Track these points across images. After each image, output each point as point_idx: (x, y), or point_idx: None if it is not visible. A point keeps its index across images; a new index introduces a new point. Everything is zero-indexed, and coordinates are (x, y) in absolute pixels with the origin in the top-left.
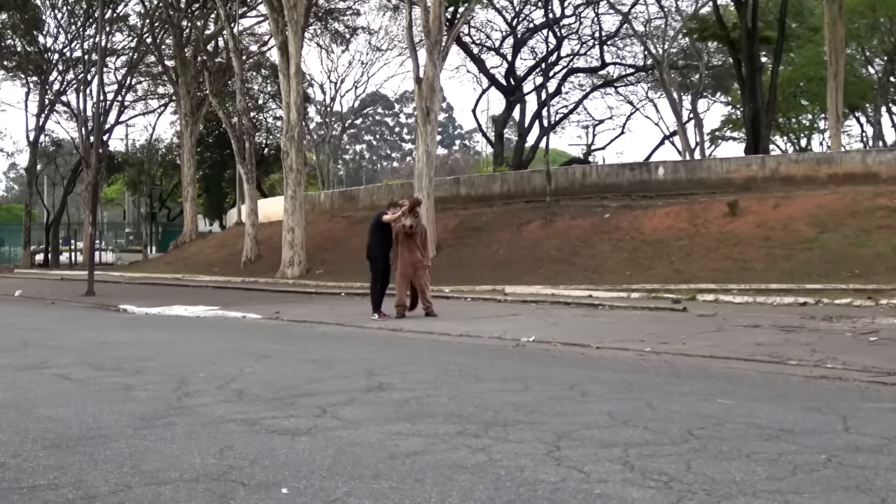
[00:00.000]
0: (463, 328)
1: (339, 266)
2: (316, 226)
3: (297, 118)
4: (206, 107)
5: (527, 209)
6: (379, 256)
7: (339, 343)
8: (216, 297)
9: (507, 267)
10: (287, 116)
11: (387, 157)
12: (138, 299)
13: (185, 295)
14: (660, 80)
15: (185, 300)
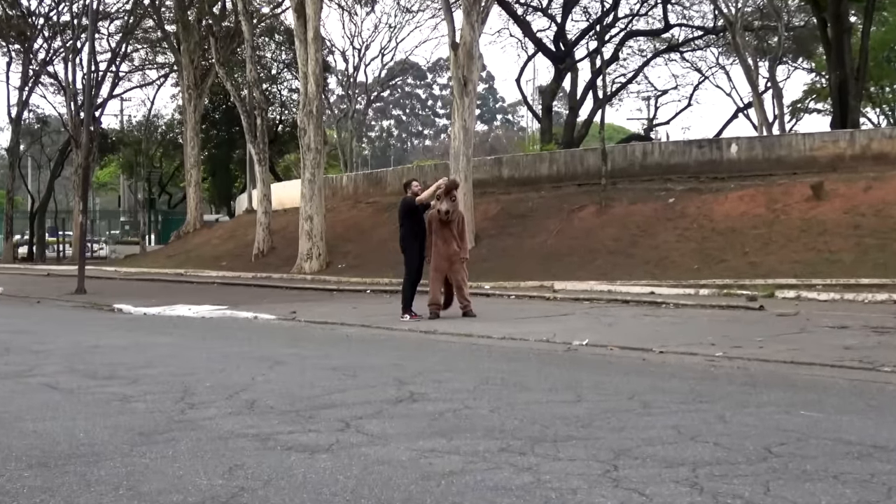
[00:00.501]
0: (505, 330)
1: (364, 259)
2: (337, 213)
3: (316, 90)
4: (211, 78)
5: (579, 193)
6: (414, 247)
7: (364, 347)
8: (224, 296)
9: (556, 260)
10: (304, 88)
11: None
12: (135, 298)
13: (188, 293)
14: (732, 43)
15: (189, 299)
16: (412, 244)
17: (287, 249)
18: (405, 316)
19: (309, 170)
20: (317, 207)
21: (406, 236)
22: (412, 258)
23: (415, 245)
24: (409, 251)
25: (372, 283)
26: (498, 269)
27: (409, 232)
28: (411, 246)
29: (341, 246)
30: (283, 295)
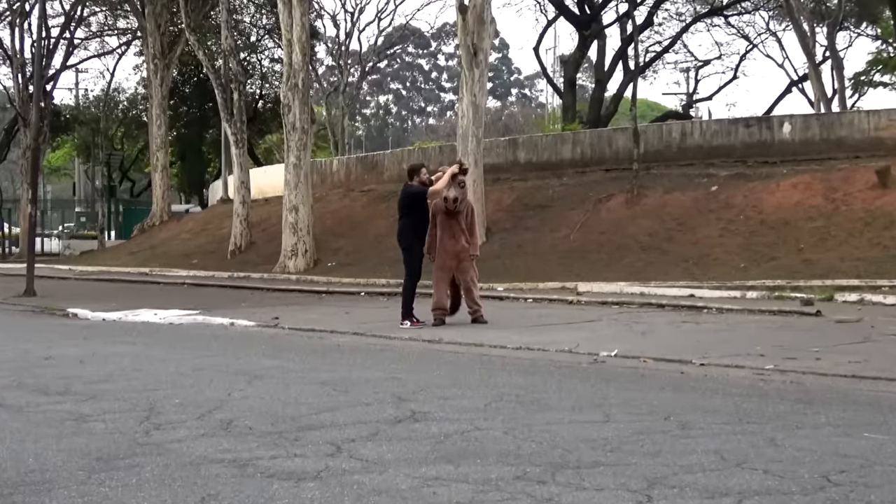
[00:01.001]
0: (522, 339)
1: (358, 257)
2: (327, 203)
3: (302, 60)
4: (181, 46)
5: (607, 180)
6: (416, 244)
7: (357, 358)
8: (195, 299)
9: (580, 257)
10: (289, 58)
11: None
12: (93, 301)
13: (154, 295)
14: (785, 6)
15: (155, 302)
16: (414, 240)
17: (268, 245)
18: (405, 322)
19: (294, 153)
20: (303, 196)
21: (406, 230)
22: (413, 256)
23: (417, 241)
24: (410, 248)
25: (367, 284)
26: (513, 268)
27: (410, 225)
28: (413, 242)
29: (331, 241)
30: (264, 298)
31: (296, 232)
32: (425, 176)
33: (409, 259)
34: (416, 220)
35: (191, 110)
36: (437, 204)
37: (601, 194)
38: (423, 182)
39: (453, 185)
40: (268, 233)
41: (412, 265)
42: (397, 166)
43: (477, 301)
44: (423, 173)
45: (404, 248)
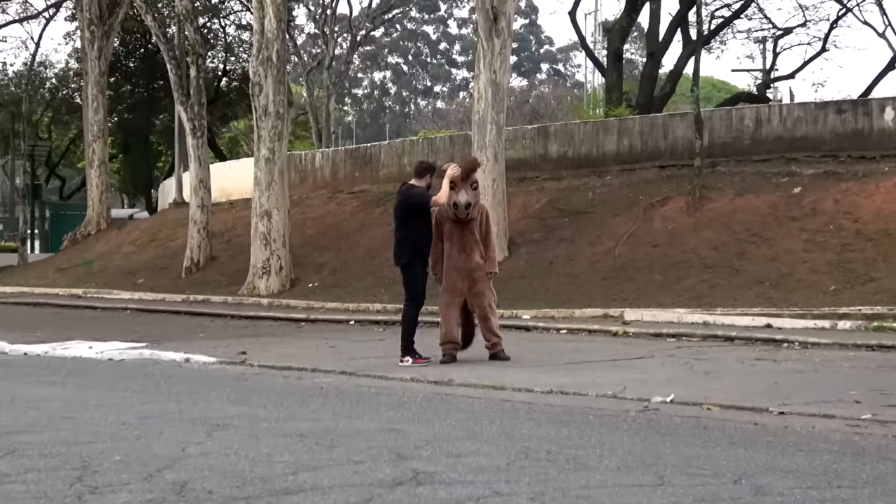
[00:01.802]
0: (553, 380)
1: (346, 275)
2: (307, 208)
3: (277, 28)
4: (124, 9)
5: (661, 179)
6: (417, 262)
7: (346, 404)
8: (141, 328)
9: (627, 277)
10: (259, 25)
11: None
12: (11, 330)
13: (89, 323)
14: None
15: (91, 332)
16: (415, 256)
17: (233, 261)
18: (406, 359)
19: (266, 144)
20: (277, 199)
21: (404, 244)
22: (415, 276)
23: (419, 257)
24: (410, 266)
25: (357, 310)
26: (542, 290)
27: (410, 238)
28: (414, 258)
29: (313, 256)
30: (228, 327)
31: (268, 244)
32: (423, 180)
33: (410, 280)
34: (418, 230)
35: (136, 90)
36: (440, 211)
37: (654, 197)
38: (429, 185)
39: (464, 187)
40: (233, 245)
41: (414, 287)
42: (396, 161)
43: (496, 332)
44: (423, 179)
45: (403, 267)
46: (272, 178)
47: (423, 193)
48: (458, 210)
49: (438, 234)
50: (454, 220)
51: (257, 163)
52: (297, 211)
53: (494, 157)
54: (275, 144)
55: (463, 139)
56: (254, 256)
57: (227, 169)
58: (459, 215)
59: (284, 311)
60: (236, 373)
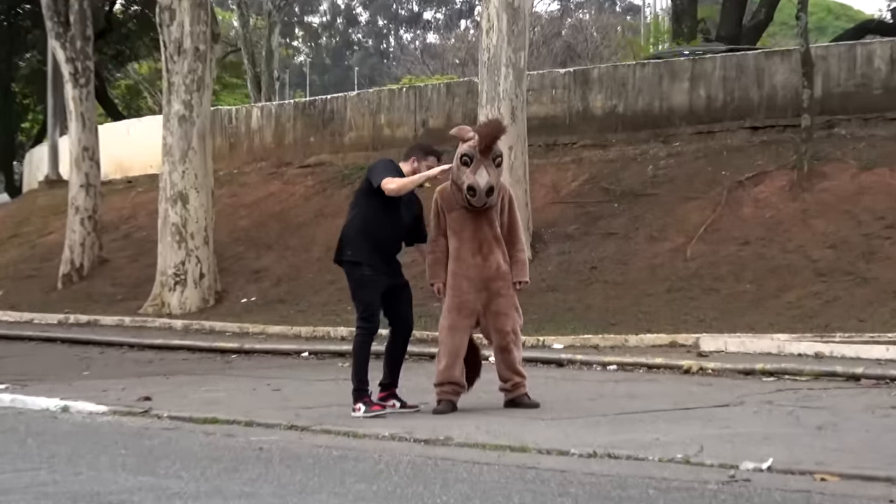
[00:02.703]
0: (598, 438)
1: (296, 285)
2: (240, 189)
3: None
4: None
5: (752, 146)
6: (372, 260)
7: (296, 474)
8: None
9: (704, 288)
10: None
11: (412, 21)
12: None
13: None
14: None
15: None
16: (369, 250)
17: (133, 265)
18: (358, 407)
19: (180, 96)
20: (196, 176)
21: (355, 230)
22: (359, 280)
23: (374, 254)
24: (352, 265)
25: (312, 336)
26: (579, 307)
27: (368, 221)
28: (368, 254)
29: (248, 258)
30: (125, 360)
31: (183, 241)
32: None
33: (354, 288)
34: (381, 212)
35: None
36: (446, 193)
37: (743, 173)
38: (414, 170)
39: (484, 162)
40: (132, 242)
41: (359, 300)
42: (369, 121)
43: (519, 369)
44: (431, 163)
45: (349, 267)
46: (189, 146)
47: (385, 167)
48: (477, 197)
49: (439, 227)
50: (465, 208)
51: (168, 123)
52: (226, 193)
53: (511, 114)
54: (193, 96)
55: (466, 89)
56: (162, 259)
57: (123, 132)
58: (476, 204)
59: (207, 337)
60: (137, 427)
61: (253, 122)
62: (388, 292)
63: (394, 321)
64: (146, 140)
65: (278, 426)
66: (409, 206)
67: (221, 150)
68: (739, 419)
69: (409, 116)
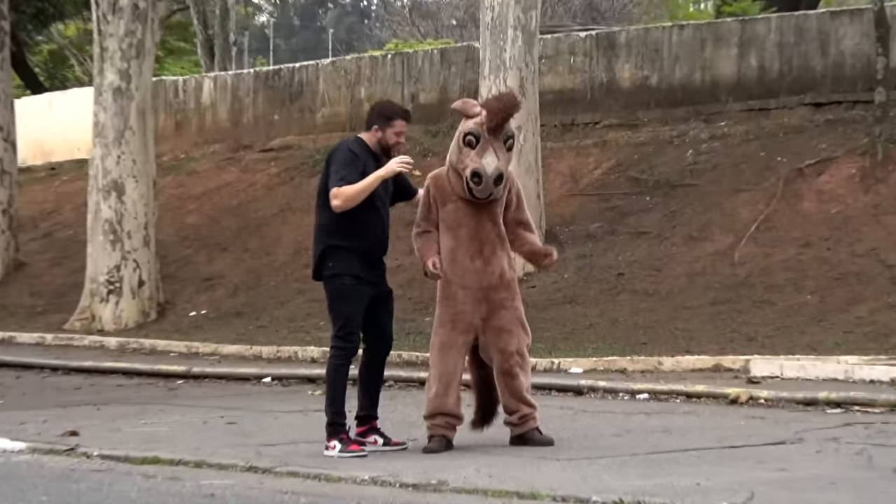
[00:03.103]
0: (626, 483)
1: (256, 295)
2: (189, 178)
3: None
4: None
5: (815, 127)
6: (358, 272)
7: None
8: None
9: (755, 300)
10: None
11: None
12: None
13: None
14: None
15: None
16: (350, 259)
17: (57, 270)
18: (332, 444)
19: (115, 63)
20: (135, 161)
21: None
22: (338, 294)
23: (356, 263)
24: (338, 278)
25: (276, 357)
26: (603, 322)
27: (328, 227)
28: (346, 262)
29: (198, 262)
30: (47, 387)
31: (118, 241)
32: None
33: (330, 302)
34: (356, 211)
35: None
36: (441, 181)
37: (803, 159)
38: (385, 144)
39: (493, 143)
40: (55, 243)
41: (336, 315)
42: (346, 95)
43: (527, 398)
44: (398, 126)
45: (328, 279)
46: (125, 125)
47: (342, 160)
48: (483, 185)
49: (429, 221)
50: (465, 200)
51: (100, 97)
52: (171, 182)
53: (520, 86)
54: (130, 64)
55: (465, 56)
56: (92, 263)
57: (45, 107)
58: (480, 194)
59: (147, 359)
60: (61, 468)
61: (204, 96)
62: (368, 303)
63: (371, 336)
64: (73, 117)
65: (234, 467)
66: (385, 184)
67: (166, 130)
68: (798, 460)
69: (395, 89)
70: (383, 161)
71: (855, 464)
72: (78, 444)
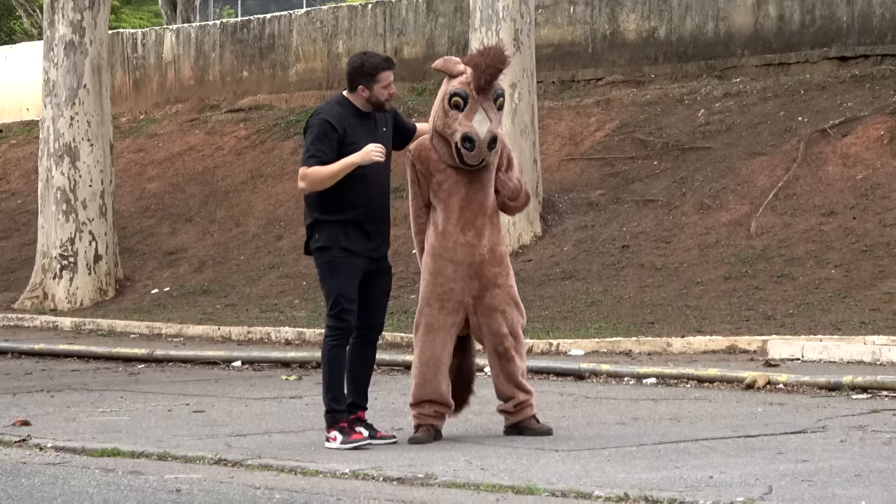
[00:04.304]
0: (631, 475)
1: (225, 271)
2: (149, 141)
3: None
4: None
5: (838, 84)
6: (352, 244)
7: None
8: None
9: (773, 274)
10: None
11: None
12: None
13: None
14: None
15: None
16: (343, 229)
17: (4, 243)
18: (333, 435)
19: (67, 15)
20: (90, 123)
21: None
22: (329, 270)
23: (350, 232)
24: (328, 250)
25: (247, 338)
26: (606, 300)
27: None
28: (341, 236)
29: (160, 234)
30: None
31: (72, 212)
32: (385, 86)
33: (329, 276)
34: (339, 187)
35: None
36: (424, 152)
37: (827, 119)
38: (376, 101)
39: (483, 103)
40: (2, 214)
41: (335, 294)
42: (322, 49)
43: (523, 383)
44: (385, 79)
45: (318, 252)
46: (79, 83)
47: (316, 135)
48: (476, 150)
49: (421, 196)
50: (455, 167)
51: (50, 52)
52: (130, 146)
53: (514, 39)
54: (84, 15)
55: (453, 5)
56: (44, 235)
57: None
58: (472, 160)
59: (105, 341)
60: (12, 462)
61: (165, 51)
62: (362, 279)
63: (359, 317)
64: (21, 75)
65: (202, 460)
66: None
67: (123, 88)
68: (820, 450)
69: (376, 43)
70: (376, 118)
71: (882, 454)
72: (30, 434)
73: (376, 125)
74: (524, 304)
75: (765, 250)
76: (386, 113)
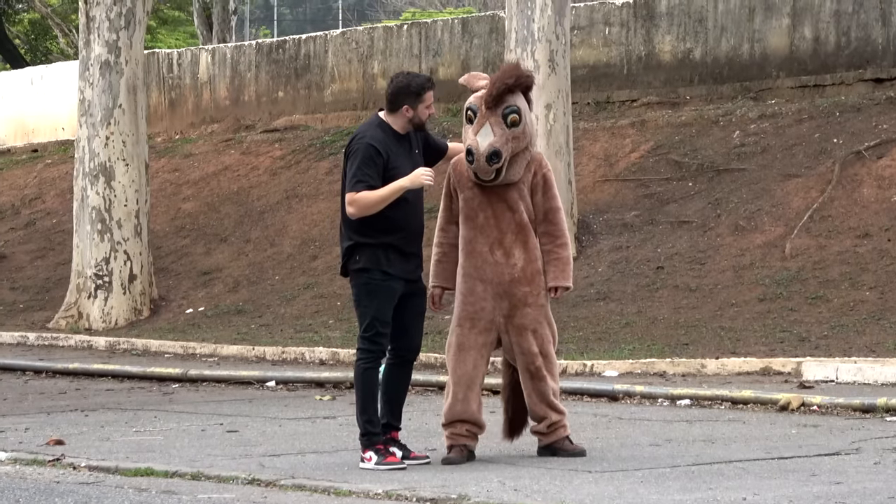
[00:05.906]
0: (663, 496)
1: (259, 291)
2: (184, 161)
3: None
4: None
5: (874, 106)
6: (390, 267)
7: None
8: None
9: (808, 296)
10: None
11: None
12: None
13: None
14: None
15: None
16: (384, 252)
17: (39, 263)
18: (368, 455)
19: (103, 35)
20: (125, 143)
21: (361, 235)
22: (365, 292)
23: (389, 255)
24: (366, 272)
25: (281, 358)
26: (640, 321)
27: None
28: (374, 257)
29: (195, 254)
30: (29, 392)
31: (107, 231)
32: (427, 106)
33: (357, 302)
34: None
35: None
36: (460, 166)
37: (863, 141)
38: (418, 122)
39: (490, 118)
40: (38, 233)
41: (362, 317)
42: (358, 70)
43: (556, 404)
44: (428, 99)
45: (356, 273)
46: (115, 103)
47: (362, 160)
48: (475, 165)
49: (450, 212)
50: (480, 185)
51: (86, 71)
52: (165, 166)
53: (550, 60)
54: (120, 35)
55: (489, 26)
56: (79, 255)
57: (26, 83)
58: (480, 174)
59: (139, 360)
60: (45, 481)
61: (201, 71)
62: (398, 301)
63: (396, 339)
64: (57, 94)
65: (235, 480)
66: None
67: (159, 108)
68: (854, 472)
69: (411, 63)
70: (410, 140)
71: None
72: (63, 454)
73: (411, 147)
74: (558, 324)
75: (799, 272)
76: (418, 133)
